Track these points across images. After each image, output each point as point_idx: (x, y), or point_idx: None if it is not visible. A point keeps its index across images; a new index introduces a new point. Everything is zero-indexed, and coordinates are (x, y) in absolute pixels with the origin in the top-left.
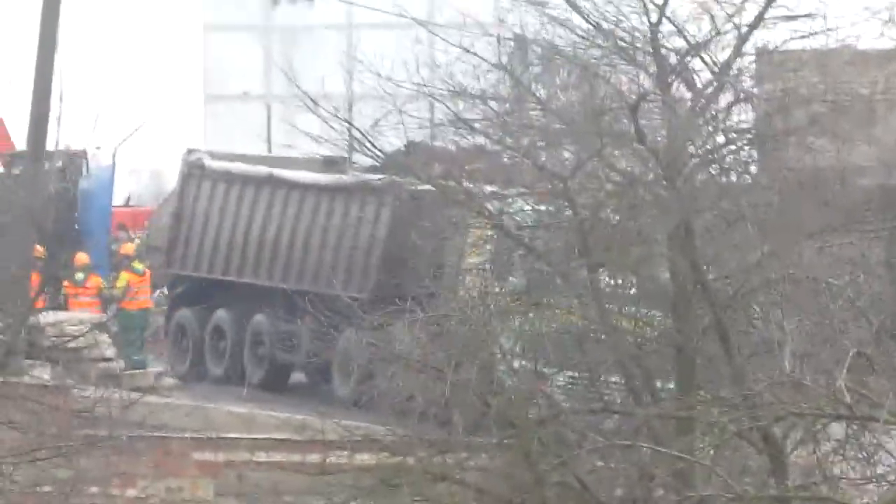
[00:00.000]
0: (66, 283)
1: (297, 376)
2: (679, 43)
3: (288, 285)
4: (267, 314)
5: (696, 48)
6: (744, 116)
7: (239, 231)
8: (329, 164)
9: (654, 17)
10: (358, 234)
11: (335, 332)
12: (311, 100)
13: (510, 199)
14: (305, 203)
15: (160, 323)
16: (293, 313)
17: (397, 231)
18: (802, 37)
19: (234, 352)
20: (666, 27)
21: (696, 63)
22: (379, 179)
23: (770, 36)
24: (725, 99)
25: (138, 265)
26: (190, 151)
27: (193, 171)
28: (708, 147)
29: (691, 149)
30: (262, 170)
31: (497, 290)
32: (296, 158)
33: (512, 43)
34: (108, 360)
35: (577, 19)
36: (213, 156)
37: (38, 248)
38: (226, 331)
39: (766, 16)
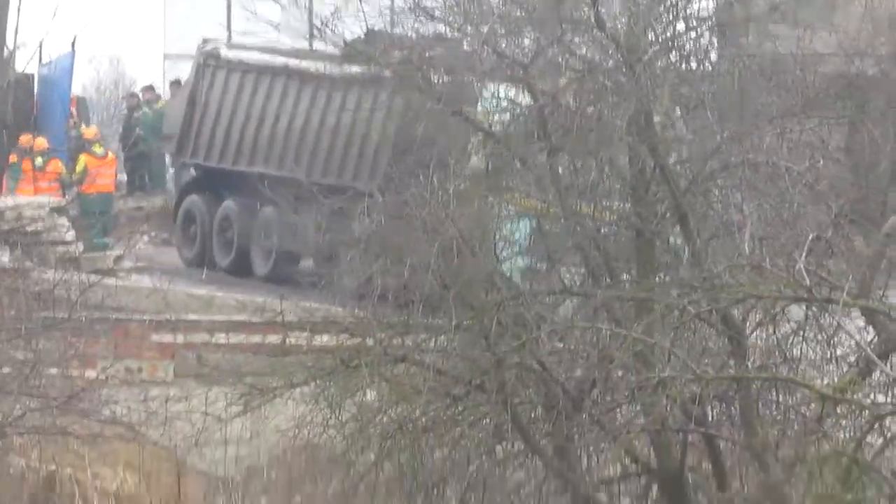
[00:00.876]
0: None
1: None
2: None
3: (298, 176)
4: (275, 206)
5: None
6: (704, 3)
7: (252, 121)
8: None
9: None
10: (369, 126)
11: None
12: None
13: (477, 85)
14: (319, 94)
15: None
16: (300, 205)
17: (407, 125)
18: None
19: (240, 243)
20: None
21: None
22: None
23: None
24: None
25: (98, 148)
26: (206, 41)
27: (209, 61)
28: (668, 34)
29: (651, 35)
30: (278, 60)
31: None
32: (317, 51)
33: None
34: (67, 243)
35: None
36: (230, 46)
37: None
38: (233, 221)
39: None
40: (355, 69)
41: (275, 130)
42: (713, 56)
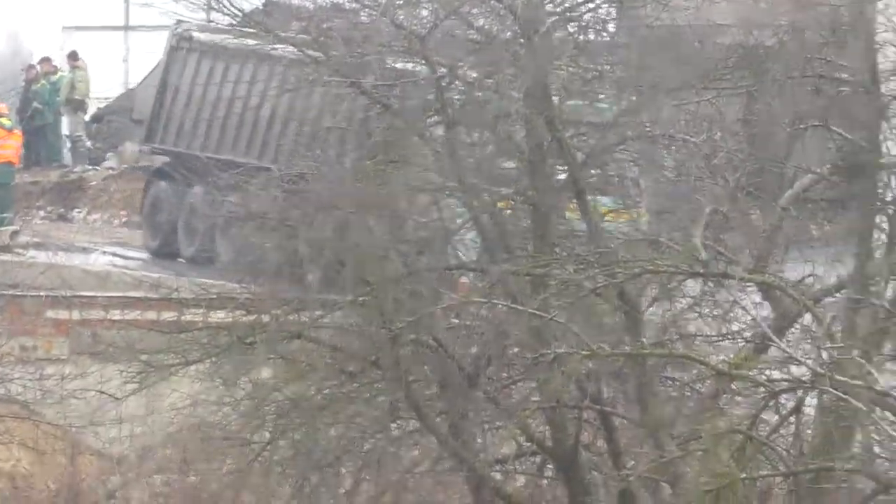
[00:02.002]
0: None
1: None
2: None
3: (263, 162)
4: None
5: None
6: None
7: (221, 106)
8: None
9: None
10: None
11: None
12: None
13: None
14: (286, 79)
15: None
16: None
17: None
18: None
19: (206, 230)
20: None
21: None
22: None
23: None
24: None
25: (6, 121)
26: (178, 23)
27: (181, 44)
28: (566, 5)
29: (549, 6)
30: (247, 44)
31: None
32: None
33: None
34: None
35: None
36: (203, 29)
37: None
38: (198, 209)
39: None
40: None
41: (243, 116)
42: (611, 27)
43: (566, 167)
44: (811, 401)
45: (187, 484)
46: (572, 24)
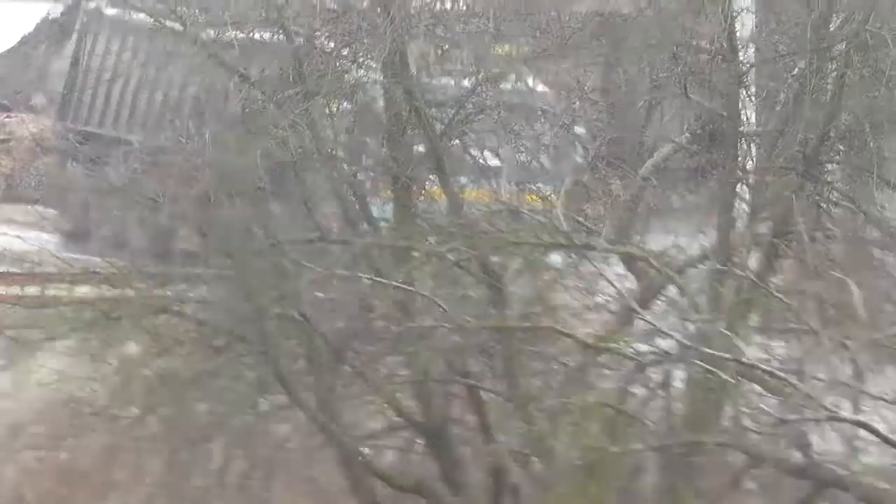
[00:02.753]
0: None
1: None
2: None
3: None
4: None
5: None
6: None
7: (130, 85)
8: None
9: None
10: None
11: None
12: None
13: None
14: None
15: None
16: None
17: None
18: None
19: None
20: None
21: None
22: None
23: None
24: None
25: None
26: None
27: (91, 20)
28: None
29: None
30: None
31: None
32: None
33: None
34: None
35: None
36: (114, 3)
37: None
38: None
39: None
40: None
41: (152, 95)
42: None
43: (425, 137)
44: (679, 374)
45: (58, 460)
46: None
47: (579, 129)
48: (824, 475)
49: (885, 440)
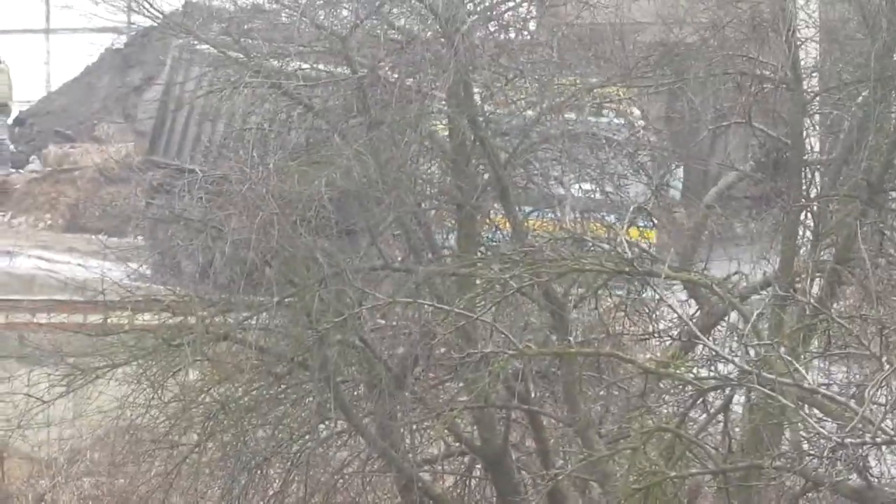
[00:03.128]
0: None
1: None
2: None
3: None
4: None
5: None
6: None
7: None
8: None
9: None
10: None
11: None
12: None
13: (289, 58)
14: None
15: None
16: None
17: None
18: None
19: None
20: None
21: None
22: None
23: None
24: None
25: None
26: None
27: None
28: (486, 4)
29: (469, 6)
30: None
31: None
32: None
33: None
34: None
35: None
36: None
37: None
38: None
39: None
40: None
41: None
42: (532, 26)
43: (489, 166)
44: (739, 398)
45: (116, 486)
46: (493, 22)
47: (644, 158)
48: (882, 499)
49: None
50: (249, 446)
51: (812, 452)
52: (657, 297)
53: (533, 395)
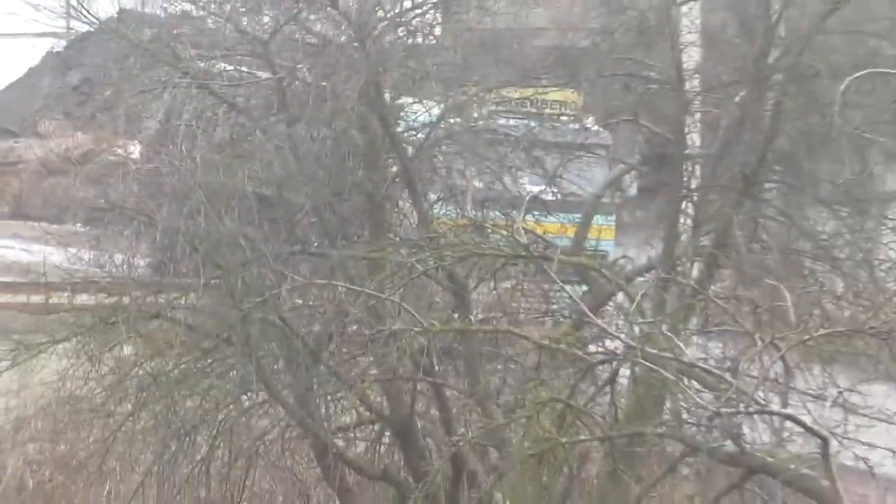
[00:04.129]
0: None
1: None
2: None
3: None
4: None
5: None
6: None
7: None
8: None
9: None
10: None
11: None
12: None
13: (214, 60)
14: None
15: None
16: None
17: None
18: None
19: None
20: None
21: None
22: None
23: None
24: None
25: None
26: None
27: None
28: (396, 11)
29: (380, 13)
30: None
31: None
32: None
33: None
34: None
35: None
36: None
37: None
38: None
39: None
40: None
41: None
42: (437, 31)
43: (398, 160)
44: (625, 372)
45: (58, 451)
46: (402, 28)
47: (539, 153)
48: (754, 462)
49: (810, 431)
50: (179, 415)
51: (690, 421)
52: (551, 279)
53: (437, 368)
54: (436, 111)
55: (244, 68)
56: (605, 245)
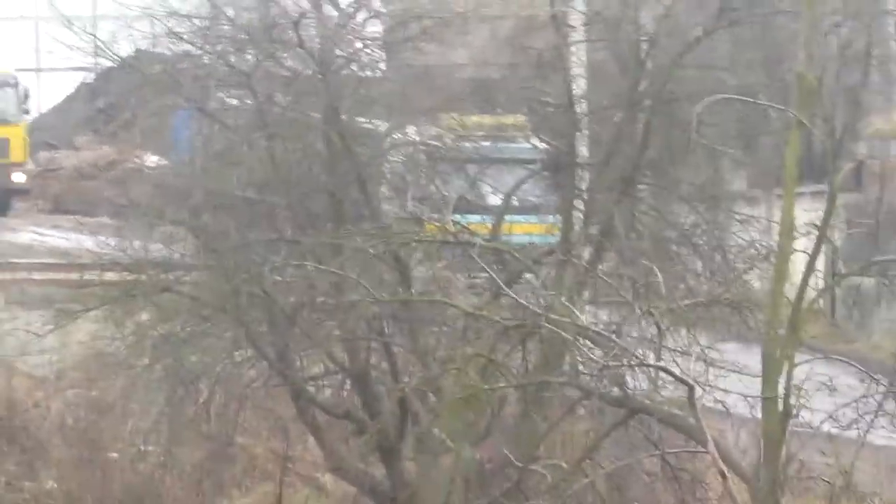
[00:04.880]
0: None
1: None
2: None
3: None
4: None
5: None
6: (375, 28)
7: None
8: None
9: None
10: None
11: None
12: (67, 19)
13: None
14: None
15: None
16: None
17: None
18: None
19: None
20: None
21: None
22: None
23: None
24: (362, 15)
25: None
26: None
27: None
28: (350, 50)
29: (338, 52)
30: None
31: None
32: None
33: None
34: None
35: None
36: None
37: None
38: None
39: None
40: None
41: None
42: (382, 66)
43: (353, 166)
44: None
45: (91, 396)
46: (354, 63)
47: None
48: (635, 405)
49: (679, 380)
50: (185, 368)
51: (585, 372)
52: (474, 260)
53: (386, 330)
54: (382, 128)
55: (232, 95)
56: (535, 238)
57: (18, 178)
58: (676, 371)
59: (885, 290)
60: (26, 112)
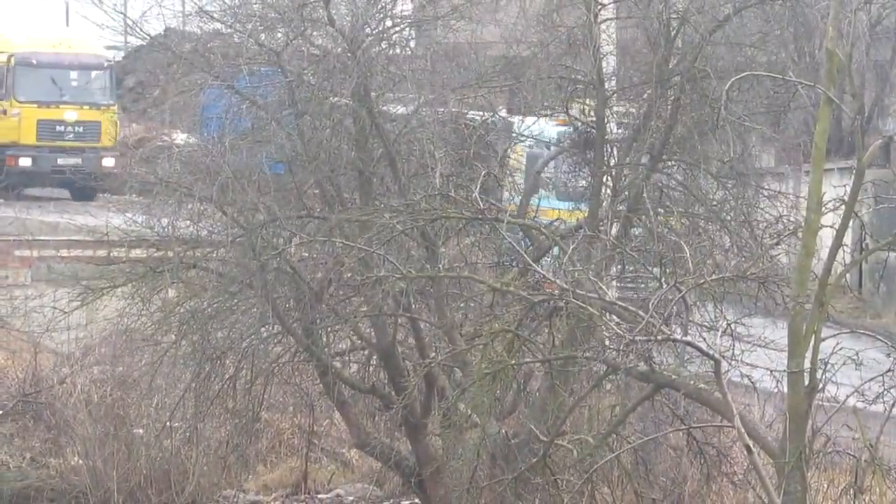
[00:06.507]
0: None
1: None
2: None
3: None
4: None
5: None
6: (405, 6)
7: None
8: None
9: None
10: None
11: None
12: None
13: (242, 68)
14: None
15: None
16: None
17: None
18: None
19: None
20: None
21: None
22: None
23: None
24: None
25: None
26: None
27: None
28: (380, 28)
29: (367, 30)
30: None
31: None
32: None
33: None
34: None
35: None
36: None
37: None
38: None
39: None
40: None
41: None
42: (412, 44)
43: (382, 144)
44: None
45: (117, 372)
46: (384, 42)
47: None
48: (661, 379)
49: (705, 354)
50: (211, 344)
51: (612, 347)
52: (502, 236)
53: (413, 306)
54: (412, 106)
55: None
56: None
57: (108, 162)
58: (703, 346)
59: None
60: (119, 96)
